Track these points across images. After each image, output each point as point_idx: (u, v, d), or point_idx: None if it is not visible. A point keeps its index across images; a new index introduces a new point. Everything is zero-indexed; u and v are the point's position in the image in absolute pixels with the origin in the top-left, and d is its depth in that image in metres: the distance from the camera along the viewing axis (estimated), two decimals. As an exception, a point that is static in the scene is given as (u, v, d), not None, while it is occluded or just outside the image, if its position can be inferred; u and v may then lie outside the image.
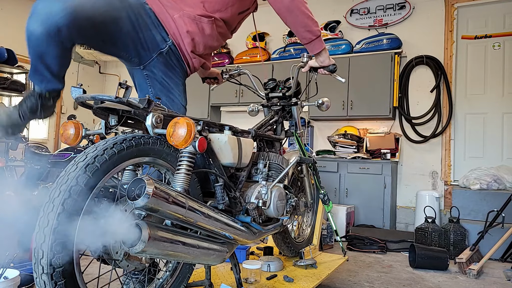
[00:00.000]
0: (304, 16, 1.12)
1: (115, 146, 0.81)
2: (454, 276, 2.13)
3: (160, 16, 1.06)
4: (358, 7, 3.78)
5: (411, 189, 3.42)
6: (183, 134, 0.84)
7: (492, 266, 2.36)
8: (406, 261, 2.41)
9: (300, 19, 1.12)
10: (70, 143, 0.94)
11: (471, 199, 2.82)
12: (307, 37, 1.16)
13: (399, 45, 3.42)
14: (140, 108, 0.83)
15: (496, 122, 3.28)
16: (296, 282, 1.38)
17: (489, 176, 2.86)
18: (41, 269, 0.71)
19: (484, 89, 3.34)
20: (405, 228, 3.38)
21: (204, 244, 0.95)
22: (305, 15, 1.12)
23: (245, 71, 1.61)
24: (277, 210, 1.23)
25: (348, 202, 3.22)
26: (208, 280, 1.21)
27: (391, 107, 3.31)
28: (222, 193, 1.04)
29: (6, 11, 4.15)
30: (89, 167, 0.76)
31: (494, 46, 3.32)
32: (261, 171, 1.28)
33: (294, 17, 1.11)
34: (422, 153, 3.44)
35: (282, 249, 1.66)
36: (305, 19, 1.12)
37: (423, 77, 3.48)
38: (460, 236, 2.57)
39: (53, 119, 4.72)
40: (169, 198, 0.80)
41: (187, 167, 0.92)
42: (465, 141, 3.37)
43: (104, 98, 0.83)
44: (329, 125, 3.81)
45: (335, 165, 3.31)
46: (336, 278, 1.94)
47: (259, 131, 1.42)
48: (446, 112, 3.37)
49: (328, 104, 1.61)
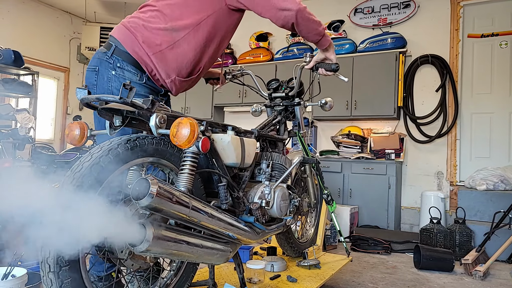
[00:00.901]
0: (311, 23, 1.17)
1: (120, 146, 0.82)
2: (460, 277, 2.11)
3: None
4: (362, 6, 3.76)
5: (416, 190, 3.39)
6: (187, 134, 0.85)
7: (498, 268, 2.33)
8: (410, 262, 2.39)
9: (310, 27, 1.17)
10: (75, 144, 0.96)
11: (477, 200, 2.79)
12: (316, 38, 1.23)
13: (404, 44, 3.40)
14: (144, 108, 0.84)
15: (503, 121, 3.23)
16: (300, 283, 1.38)
17: (496, 176, 2.82)
18: (48, 267, 0.72)
19: (491, 88, 3.30)
20: (410, 229, 3.35)
21: (208, 243, 0.96)
22: (311, 21, 1.17)
23: (248, 72, 1.61)
24: (280, 210, 1.23)
25: (352, 202, 3.20)
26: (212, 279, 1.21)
27: (395, 107, 3.29)
28: (225, 193, 1.04)
29: (13, 13, 4.21)
30: (94, 167, 0.77)
31: (501, 44, 3.27)
32: (264, 171, 1.28)
33: (305, 27, 1.16)
34: (427, 153, 3.41)
35: (285, 249, 1.66)
36: (312, 24, 1.17)
37: (428, 77, 3.45)
38: (466, 237, 2.54)
39: (59, 120, 4.77)
40: (173, 198, 0.81)
41: (191, 167, 0.92)
42: (471, 141, 3.34)
43: (109, 99, 0.84)
44: (332, 125, 3.80)
45: (339, 165, 3.30)
46: (340, 278, 1.94)
47: (262, 131, 1.42)
48: (452, 112, 3.33)
49: (331, 104, 1.60)
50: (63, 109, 4.81)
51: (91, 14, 4.78)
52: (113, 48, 1.07)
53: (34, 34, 4.41)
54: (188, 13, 1.09)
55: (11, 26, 4.17)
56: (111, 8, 4.62)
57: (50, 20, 4.60)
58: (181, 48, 1.08)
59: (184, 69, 1.12)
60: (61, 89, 4.80)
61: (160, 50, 1.06)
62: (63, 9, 4.71)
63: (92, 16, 4.82)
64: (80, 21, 4.89)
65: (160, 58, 1.07)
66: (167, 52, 1.07)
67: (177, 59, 1.09)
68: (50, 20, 4.59)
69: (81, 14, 4.81)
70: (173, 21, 1.08)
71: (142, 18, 1.10)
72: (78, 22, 4.89)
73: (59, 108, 4.78)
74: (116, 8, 4.60)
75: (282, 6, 1.09)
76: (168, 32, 1.07)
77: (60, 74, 4.79)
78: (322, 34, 1.22)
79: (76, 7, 4.62)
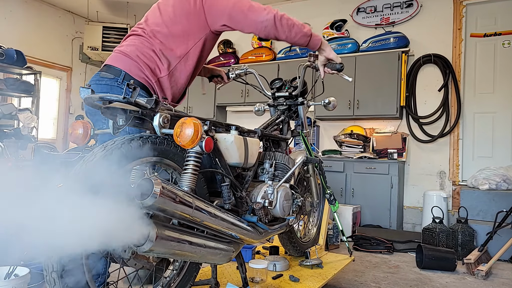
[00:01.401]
0: (293, 26, 1.19)
1: (123, 146, 0.82)
2: (462, 277, 2.10)
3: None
4: (364, 6, 3.74)
5: (419, 189, 3.38)
6: (190, 134, 0.85)
7: (501, 267, 2.32)
8: (413, 261, 2.38)
9: (293, 31, 1.19)
10: (79, 143, 0.96)
11: (480, 200, 2.78)
12: (304, 40, 1.24)
13: (406, 43, 3.38)
14: (148, 108, 0.84)
15: (505, 121, 3.22)
16: (302, 282, 1.38)
17: (498, 176, 2.81)
18: (51, 267, 0.72)
19: (493, 88, 3.29)
20: (412, 229, 3.34)
21: (211, 243, 0.96)
22: (292, 25, 1.19)
23: (252, 71, 1.61)
24: (283, 210, 1.23)
25: (354, 202, 3.20)
26: (214, 279, 1.21)
27: (398, 106, 3.28)
28: (228, 192, 1.04)
29: (15, 13, 4.22)
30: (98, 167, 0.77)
31: (504, 44, 3.26)
32: (267, 171, 1.28)
33: (288, 32, 1.19)
34: (430, 153, 3.40)
35: (288, 248, 1.66)
36: (294, 28, 1.19)
37: (430, 76, 3.44)
38: (468, 237, 2.53)
39: (61, 119, 4.78)
40: (176, 198, 0.81)
41: (194, 167, 0.92)
42: (473, 141, 3.32)
43: (112, 99, 0.84)
44: (335, 124, 3.79)
45: (341, 165, 3.29)
46: (342, 278, 1.93)
47: (265, 130, 1.42)
48: (454, 111, 3.32)
49: (335, 103, 1.60)
50: (66, 109, 4.82)
51: (94, 14, 4.78)
52: (123, 75, 1.10)
53: (36, 34, 4.42)
54: (177, 43, 1.14)
55: (14, 26, 4.18)
56: (114, 8, 4.62)
57: (53, 19, 4.60)
58: (174, 76, 1.16)
59: (177, 94, 1.20)
60: (64, 89, 4.81)
61: (159, 77, 1.13)
62: (66, 9, 4.72)
63: (94, 16, 4.83)
64: (83, 20, 4.90)
65: (159, 85, 1.14)
66: (164, 80, 1.14)
67: (172, 86, 1.17)
68: (52, 20, 4.60)
69: (83, 13, 4.82)
70: (165, 50, 1.13)
71: (137, 46, 1.13)
72: (81, 22, 4.90)
73: (61, 108, 4.79)
74: (118, 8, 4.61)
75: (260, 18, 1.14)
76: (163, 60, 1.13)
77: (63, 73, 4.80)
78: (308, 34, 1.22)
79: (79, 6, 4.62)
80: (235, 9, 1.13)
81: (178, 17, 1.14)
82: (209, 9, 1.14)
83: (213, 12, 1.14)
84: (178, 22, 1.14)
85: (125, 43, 1.17)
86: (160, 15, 1.16)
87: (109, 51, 4.54)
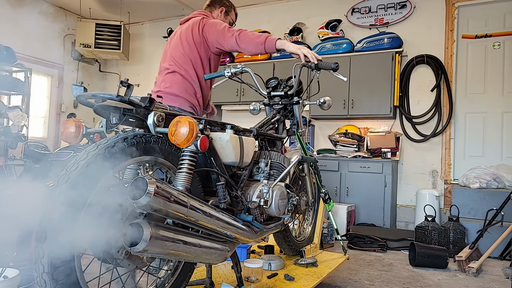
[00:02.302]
0: (251, 39, 1.41)
1: (117, 144, 0.81)
2: (454, 274, 2.14)
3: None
4: (359, 6, 3.76)
5: (412, 188, 3.42)
6: (185, 133, 0.84)
7: (491, 264, 2.36)
8: (406, 259, 2.41)
9: (254, 44, 1.41)
10: (71, 142, 0.94)
11: (471, 198, 2.82)
12: (260, 48, 1.42)
13: (400, 44, 3.41)
14: (142, 106, 0.83)
15: (496, 121, 3.28)
16: (297, 281, 1.38)
17: (489, 175, 2.86)
18: (42, 268, 0.71)
19: (484, 88, 3.34)
20: (405, 227, 3.38)
21: (206, 243, 0.95)
22: (250, 38, 1.41)
23: (248, 69, 1.60)
24: (279, 209, 1.22)
25: (348, 201, 3.22)
26: (209, 278, 1.21)
27: (391, 106, 3.31)
28: (223, 192, 1.03)
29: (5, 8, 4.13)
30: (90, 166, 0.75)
31: (494, 45, 3.31)
32: (262, 170, 1.27)
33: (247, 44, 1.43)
34: (423, 152, 3.44)
35: (283, 247, 1.66)
36: (252, 40, 1.41)
37: (423, 76, 3.48)
38: (460, 235, 2.57)
39: (52, 118, 4.70)
40: (170, 197, 0.80)
41: (189, 166, 0.91)
42: (465, 140, 3.37)
43: (106, 97, 0.82)
44: (330, 124, 3.81)
45: (336, 164, 3.31)
46: (337, 276, 1.95)
47: (261, 130, 1.41)
48: (447, 111, 3.36)
49: (330, 103, 1.60)
50: (57, 107, 4.74)
51: (86, 10, 4.71)
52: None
53: (27, 30, 4.33)
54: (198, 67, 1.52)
55: (4, 21, 4.09)
56: (107, 4, 4.55)
57: (44, 15, 4.52)
58: (204, 91, 1.57)
59: (206, 102, 1.63)
60: (55, 86, 4.73)
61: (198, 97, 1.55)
62: (58, 5, 4.64)
63: (87, 12, 4.75)
64: (75, 17, 4.82)
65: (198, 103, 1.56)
66: (199, 98, 1.55)
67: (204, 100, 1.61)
68: (44, 16, 4.51)
69: (76, 10, 4.74)
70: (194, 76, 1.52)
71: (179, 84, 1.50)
72: (73, 18, 4.82)
73: (52, 106, 4.71)
74: (111, 5, 4.54)
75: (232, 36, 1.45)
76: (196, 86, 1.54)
77: (54, 71, 4.71)
78: (262, 42, 1.40)
79: (71, 2, 4.54)
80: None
81: (192, 46, 1.51)
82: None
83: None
84: (193, 50, 1.51)
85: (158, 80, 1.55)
86: (182, 49, 1.51)
87: (102, 48, 4.48)
